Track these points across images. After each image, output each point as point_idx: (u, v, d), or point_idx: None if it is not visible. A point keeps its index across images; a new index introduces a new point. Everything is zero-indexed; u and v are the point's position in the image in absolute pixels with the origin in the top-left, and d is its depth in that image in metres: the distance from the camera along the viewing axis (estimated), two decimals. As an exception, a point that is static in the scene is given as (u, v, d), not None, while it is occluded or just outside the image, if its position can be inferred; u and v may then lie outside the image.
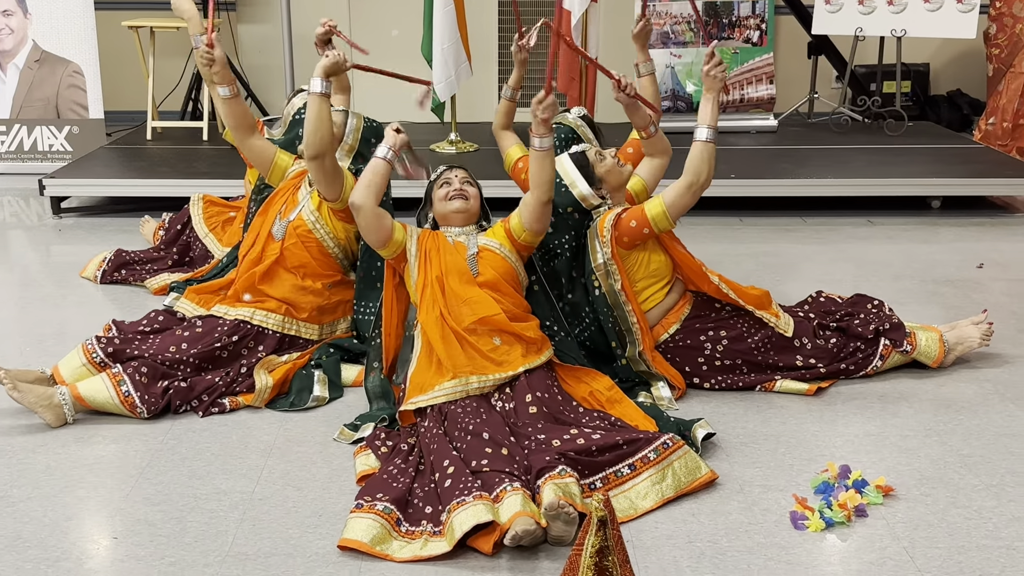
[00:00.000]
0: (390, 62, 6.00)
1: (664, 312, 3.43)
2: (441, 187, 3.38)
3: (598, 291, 3.38)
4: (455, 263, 3.21)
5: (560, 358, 3.28)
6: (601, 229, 3.34)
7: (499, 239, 3.30)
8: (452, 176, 3.40)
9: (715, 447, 3.04)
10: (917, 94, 7.58)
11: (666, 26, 6.70)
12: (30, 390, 3.14)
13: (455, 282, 3.17)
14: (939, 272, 4.65)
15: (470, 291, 3.15)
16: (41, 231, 5.36)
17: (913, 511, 2.72)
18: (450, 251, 3.25)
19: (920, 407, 3.32)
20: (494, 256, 3.25)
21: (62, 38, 6.38)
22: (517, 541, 2.45)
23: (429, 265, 3.22)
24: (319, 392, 3.37)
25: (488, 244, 3.29)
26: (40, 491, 2.81)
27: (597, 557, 1.65)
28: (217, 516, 2.69)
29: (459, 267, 3.20)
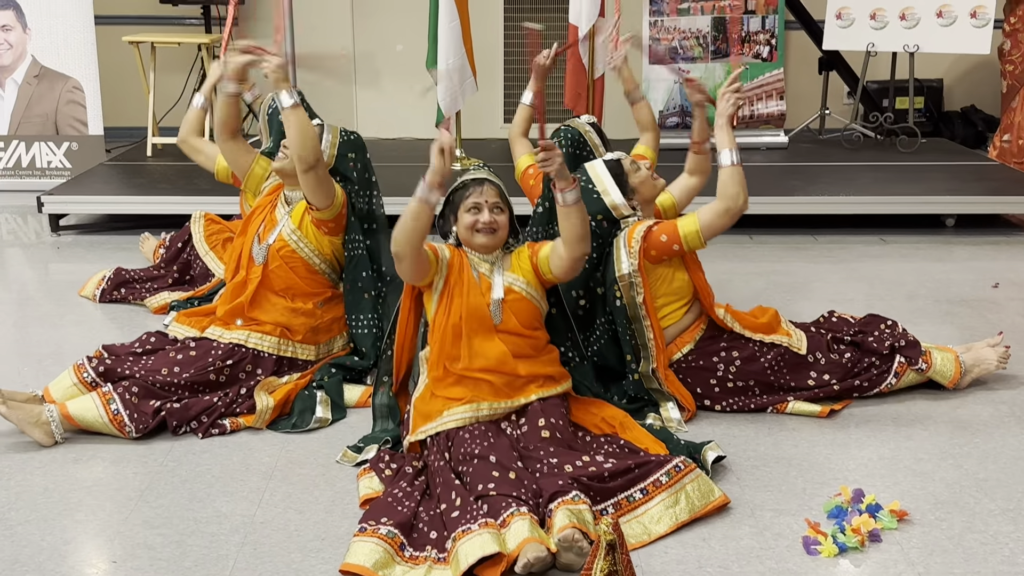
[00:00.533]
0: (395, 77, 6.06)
1: (680, 331, 3.44)
2: (469, 211, 3.13)
3: (619, 302, 3.37)
4: (477, 308, 3.07)
5: (574, 387, 3.26)
6: (630, 239, 3.34)
7: (526, 276, 3.16)
8: (482, 201, 3.13)
9: (726, 470, 3.04)
10: (930, 110, 7.60)
11: (674, 41, 6.74)
12: (19, 408, 3.16)
13: (472, 331, 3.06)
14: (953, 292, 4.65)
15: (486, 345, 3.05)
16: (39, 249, 5.39)
17: (928, 536, 2.71)
18: (475, 291, 3.09)
19: (935, 430, 3.31)
20: (519, 300, 3.12)
21: (62, 53, 6.42)
22: (528, 569, 2.45)
23: (449, 307, 3.09)
24: (322, 413, 3.38)
25: (515, 285, 3.13)
26: (38, 514, 2.81)
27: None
28: (218, 540, 2.69)
29: (480, 313, 3.07)
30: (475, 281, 3.12)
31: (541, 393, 3.06)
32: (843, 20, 6.65)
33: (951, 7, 6.42)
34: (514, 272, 3.16)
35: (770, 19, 6.71)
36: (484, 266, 3.16)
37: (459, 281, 3.11)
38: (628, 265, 3.33)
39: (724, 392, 3.42)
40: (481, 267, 3.16)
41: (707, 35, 6.73)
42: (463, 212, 3.15)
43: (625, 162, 3.48)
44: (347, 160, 3.73)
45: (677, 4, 6.70)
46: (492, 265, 3.16)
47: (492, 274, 3.15)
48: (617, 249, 3.37)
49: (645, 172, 3.48)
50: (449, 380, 3.06)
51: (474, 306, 3.07)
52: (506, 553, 2.48)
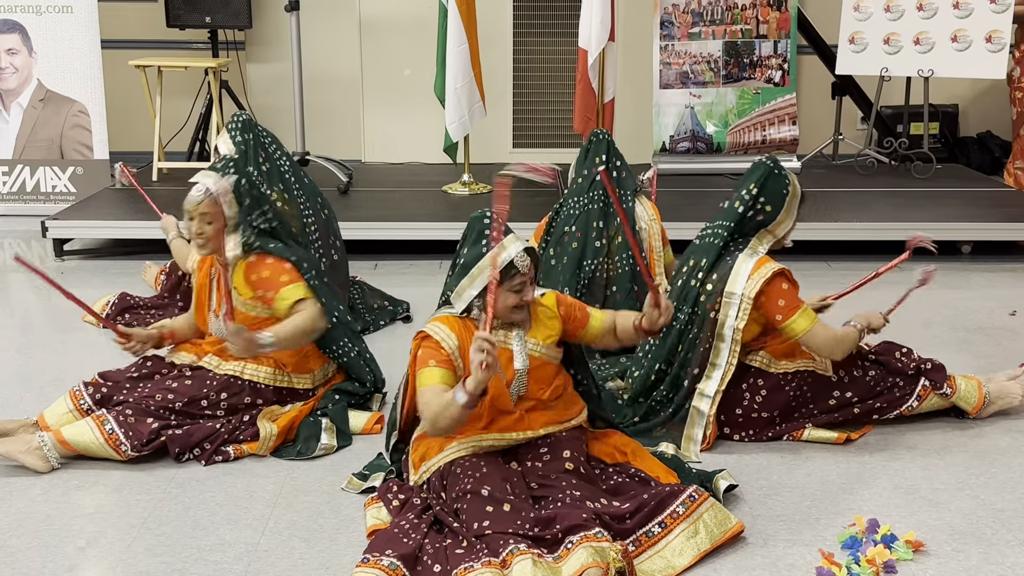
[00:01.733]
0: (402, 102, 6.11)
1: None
2: (515, 290, 2.91)
3: (713, 313, 3.37)
4: (499, 392, 2.93)
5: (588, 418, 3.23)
6: (756, 268, 3.34)
7: (546, 340, 3.02)
8: (526, 280, 2.92)
9: (737, 499, 3.03)
10: (946, 136, 7.62)
11: (685, 65, 6.78)
12: (9, 441, 3.17)
13: (489, 411, 2.95)
14: (970, 319, 4.65)
15: (502, 419, 2.97)
16: (43, 274, 5.41)
17: (944, 567, 2.70)
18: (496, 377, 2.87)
19: (952, 459, 3.31)
20: (540, 364, 3.00)
21: (67, 77, 6.49)
22: None
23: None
24: (327, 440, 3.38)
25: (539, 352, 3.00)
26: (39, 540, 2.82)
27: (615, 610, 1.65)
28: (221, 568, 2.69)
29: (502, 399, 2.94)
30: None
31: (551, 429, 3.04)
32: (856, 45, 6.69)
33: (966, 32, 6.45)
34: (535, 337, 3.02)
35: (782, 43, 6.75)
36: (498, 334, 2.95)
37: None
38: (743, 287, 3.33)
39: (747, 422, 3.41)
40: (501, 335, 2.98)
41: (719, 59, 6.77)
42: (509, 292, 2.90)
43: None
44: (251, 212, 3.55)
45: (688, 28, 6.75)
46: (508, 329, 3.00)
47: (511, 341, 2.97)
48: (738, 265, 3.36)
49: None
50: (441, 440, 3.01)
51: (495, 391, 2.93)
52: None
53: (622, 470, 3.05)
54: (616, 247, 4.12)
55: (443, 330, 2.94)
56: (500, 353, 2.85)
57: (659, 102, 6.79)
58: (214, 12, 6.93)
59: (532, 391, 3.01)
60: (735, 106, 6.80)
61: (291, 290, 3.43)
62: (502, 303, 2.89)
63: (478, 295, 2.91)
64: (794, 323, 3.32)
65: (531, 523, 2.66)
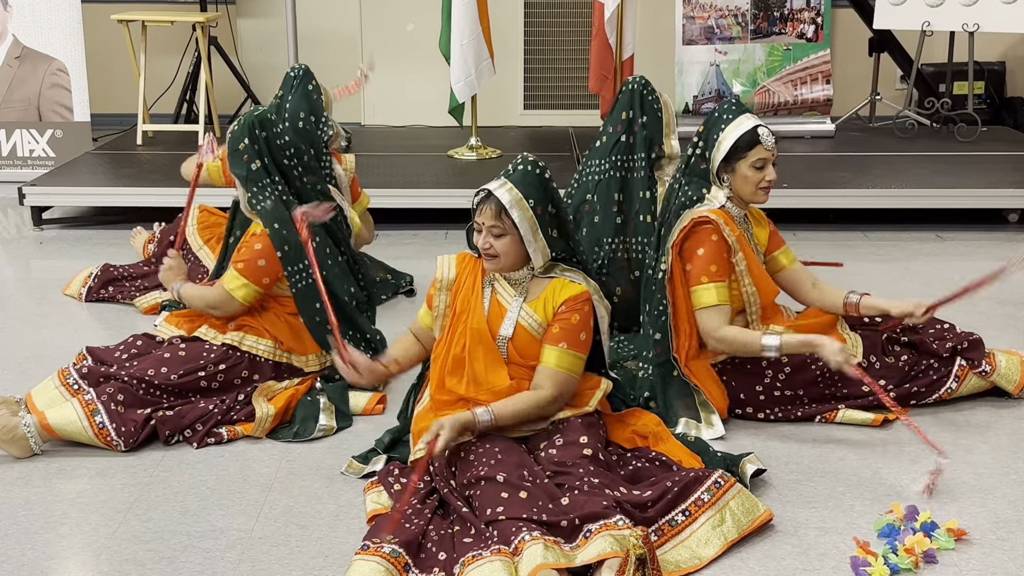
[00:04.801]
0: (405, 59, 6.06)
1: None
2: (477, 231, 3.05)
3: (662, 274, 3.39)
4: (481, 335, 3.03)
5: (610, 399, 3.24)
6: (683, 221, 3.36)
7: (545, 319, 3.06)
8: (480, 222, 3.01)
9: (766, 485, 3.03)
10: (991, 96, 7.56)
11: (710, 20, 6.73)
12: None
13: (479, 363, 3.03)
14: (1017, 293, 4.62)
15: (492, 376, 3.02)
16: (20, 244, 5.43)
17: (989, 558, 2.70)
18: (479, 317, 3.04)
19: (997, 442, 3.30)
20: (528, 340, 3.05)
21: (45, 33, 6.47)
22: None
23: (453, 335, 3.06)
24: (325, 421, 3.39)
25: (528, 324, 3.05)
26: (18, 527, 2.83)
27: (635, 600, 1.65)
28: (212, 556, 2.70)
29: (486, 343, 3.03)
30: (483, 305, 3.07)
31: (566, 413, 3.04)
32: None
33: (1016, -18, 6.39)
34: (536, 311, 3.06)
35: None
36: (504, 286, 3.08)
37: (464, 308, 3.07)
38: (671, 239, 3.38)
39: (770, 400, 3.41)
40: (500, 287, 3.08)
41: (746, 13, 6.72)
42: (476, 231, 3.06)
43: (761, 147, 3.35)
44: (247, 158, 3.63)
45: (714, -21, 6.70)
46: (514, 287, 3.08)
47: (509, 302, 3.07)
48: (681, 220, 3.39)
49: (761, 176, 3.36)
50: (452, 399, 3.05)
51: (478, 332, 3.03)
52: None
53: (642, 455, 3.06)
54: (637, 226, 3.92)
55: (449, 261, 3.15)
56: (496, 307, 3.06)
57: (682, 59, 6.75)
58: (202, -38, 6.91)
59: (514, 360, 3.06)
60: (764, 63, 6.76)
61: (232, 278, 3.54)
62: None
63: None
64: (700, 298, 3.33)
65: (548, 512, 2.66)
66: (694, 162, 3.47)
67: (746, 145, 3.35)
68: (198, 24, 6.74)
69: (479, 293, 3.08)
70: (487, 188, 3.00)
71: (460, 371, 3.04)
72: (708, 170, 3.42)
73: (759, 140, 3.35)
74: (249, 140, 3.57)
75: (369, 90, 7.53)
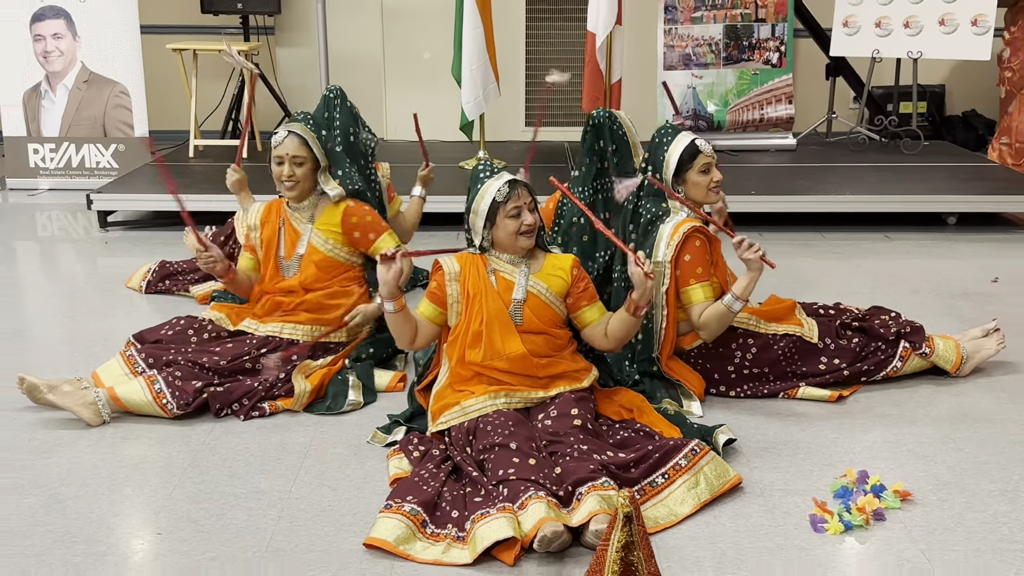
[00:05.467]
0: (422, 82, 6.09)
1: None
2: (511, 217, 3.03)
3: (664, 287, 3.36)
4: (498, 311, 3.03)
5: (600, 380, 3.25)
6: (673, 233, 3.34)
7: (555, 290, 3.10)
8: (521, 204, 3.03)
9: (737, 453, 3.03)
10: (933, 114, 7.55)
11: (688, 48, 6.72)
12: (66, 393, 3.20)
13: (496, 334, 3.02)
14: (955, 286, 4.62)
15: (507, 344, 3.02)
16: (88, 244, 5.43)
17: (930, 515, 2.70)
18: (492, 295, 3.05)
19: (937, 415, 3.30)
20: (540, 304, 3.08)
21: (109, 60, 6.47)
22: (546, 545, 2.45)
23: (471, 314, 3.05)
24: (354, 397, 3.39)
25: (538, 291, 3.08)
26: (88, 489, 2.84)
27: (623, 552, 1.66)
28: (256, 514, 2.71)
29: (501, 317, 3.03)
30: (491, 284, 3.08)
31: (564, 388, 3.05)
32: (849, 28, 6.62)
33: (953, 15, 6.37)
34: (544, 280, 3.10)
35: (780, 27, 6.69)
36: (505, 267, 3.11)
37: (476, 291, 3.07)
38: (663, 255, 3.33)
39: (740, 378, 3.41)
40: (501, 267, 3.11)
41: (719, 42, 6.71)
42: (505, 219, 3.03)
43: (703, 155, 3.38)
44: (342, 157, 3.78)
45: (691, 13, 6.68)
46: (515, 266, 3.12)
47: (516, 274, 3.10)
48: (660, 236, 3.37)
49: (709, 178, 3.39)
50: (468, 375, 3.05)
51: (495, 310, 3.04)
52: (520, 537, 2.48)
53: (628, 426, 3.06)
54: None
55: (451, 258, 3.15)
56: (504, 283, 3.06)
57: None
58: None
59: (530, 323, 3.06)
60: (734, 86, 6.75)
61: (390, 237, 3.69)
62: (503, 231, 3.05)
63: (484, 224, 3.06)
64: (693, 294, 3.31)
65: (550, 480, 2.66)
66: (648, 184, 3.46)
67: (689, 156, 3.39)
68: (242, 52, 6.73)
69: (486, 278, 3.09)
70: (511, 179, 3.06)
71: (478, 343, 3.04)
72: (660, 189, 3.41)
73: (699, 149, 3.40)
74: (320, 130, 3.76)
75: (391, 109, 7.56)
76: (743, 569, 2.46)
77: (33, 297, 4.59)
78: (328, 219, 3.65)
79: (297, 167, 3.59)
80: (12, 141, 6.54)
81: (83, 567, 2.47)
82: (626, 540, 1.66)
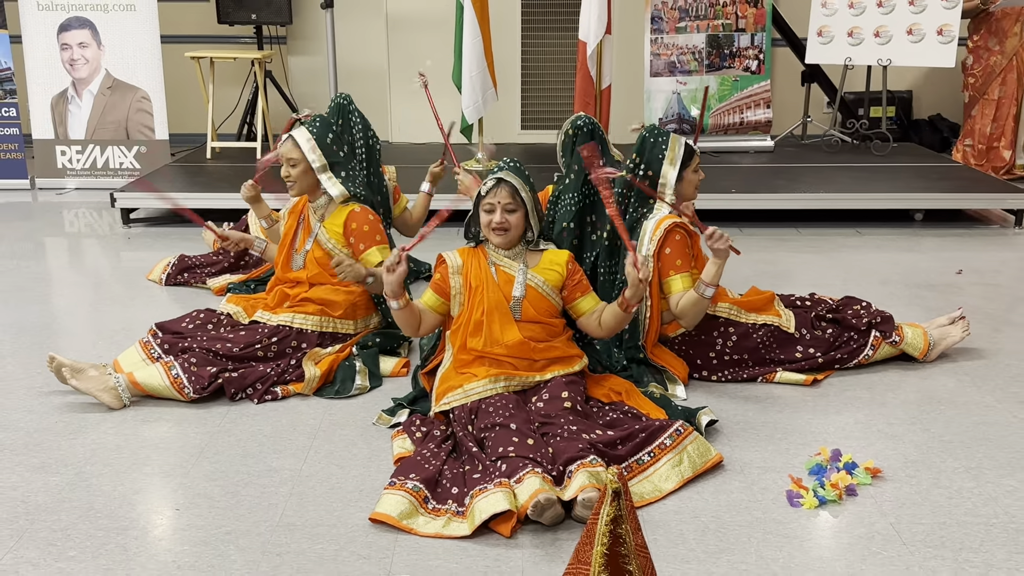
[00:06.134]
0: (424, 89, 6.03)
1: None
2: (485, 210, 3.07)
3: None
4: (498, 303, 3.03)
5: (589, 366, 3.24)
6: (656, 228, 3.32)
7: (551, 281, 3.10)
8: (495, 202, 3.05)
9: (718, 433, 3.02)
10: (901, 118, 7.53)
11: (673, 56, 6.69)
12: (88, 378, 3.18)
13: (495, 324, 3.02)
14: (921, 278, 4.61)
15: (505, 332, 3.02)
16: (112, 239, 5.41)
17: (899, 491, 2.69)
18: (493, 287, 3.05)
19: (905, 398, 3.29)
20: (537, 296, 3.07)
21: (132, 67, 6.44)
22: (540, 511, 2.44)
23: (473, 305, 3.05)
24: (361, 381, 3.37)
25: (535, 284, 3.08)
26: (111, 468, 2.82)
27: (612, 525, 1.64)
28: (268, 491, 2.69)
29: (501, 308, 3.03)
30: (492, 276, 3.07)
31: (558, 372, 3.04)
32: (824, 37, 6.60)
33: (920, 25, 6.35)
34: (541, 274, 3.10)
35: (758, 36, 6.66)
36: (504, 260, 3.11)
37: (479, 283, 3.06)
38: (647, 249, 3.32)
39: (720, 364, 3.40)
40: (500, 261, 3.10)
41: (702, 50, 6.68)
42: (482, 212, 3.09)
43: (697, 155, 3.42)
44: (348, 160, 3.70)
45: (675, 23, 6.65)
46: (514, 260, 3.11)
47: (514, 269, 3.09)
48: (644, 232, 3.35)
49: (699, 176, 3.44)
50: (470, 359, 3.04)
51: (495, 301, 3.03)
52: (516, 509, 2.47)
53: (616, 407, 3.05)
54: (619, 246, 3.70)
55: (454, 253, 3.15)
56: (503, 275, 3.07)
57: (650, 88, 6.71)
58: (259, 10, 6.88)
59: (528, 314, 3.05)
60: (716, 92, 6.72)
61: (381, 251, 3.53)
62: (482, 222, 3.09)
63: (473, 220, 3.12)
64: (674, 284, 3.29)
65: (546, 459, 2.65)
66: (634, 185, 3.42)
67: (688, 156, 3.38)
68: (256, 60, 6.71)
69: (487, 271, 3.08)
70: (498, 176, 3.05)
71: (479, 332, 3.03)
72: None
73: (694, 150, 3.40)
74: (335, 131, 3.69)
75: (395, 113, 7.53)
76: (724, 541, 2.45)
77: (61, 289, 4.57)
78: (334, 220, 3.61)
79: (292, 168, 3.58)
80: (41, 144, 6.51)
81: (106, 541, 2.45)
82: (615, 514, 1.64)
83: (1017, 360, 3.60)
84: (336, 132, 3.69)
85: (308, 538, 2.46)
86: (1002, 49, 6.53)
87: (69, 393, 3.26)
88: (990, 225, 5.62)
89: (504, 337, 3.01)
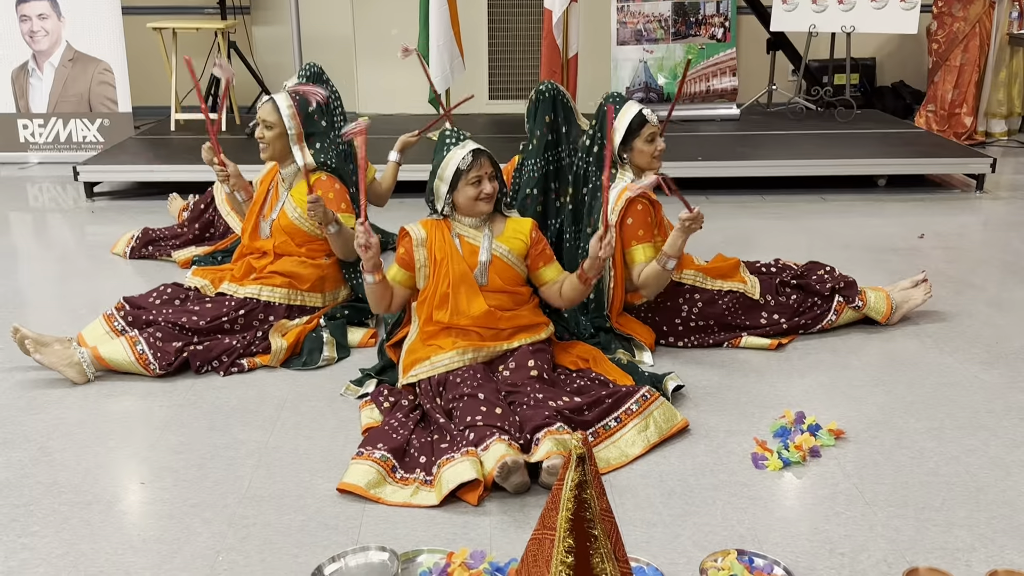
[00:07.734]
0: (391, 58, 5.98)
1: None
2: (471, 183, 2.96)
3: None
4: (463, 274, 2.98)
5: (557, 333, 3.21)
6: (619, 198, 3.28)
7: (516, 249, 3.05)
8: (482, 173, 2.97)
9: (684, 398, 3.01)
10: (864, 85, 7.54)
11: (639, 24, 6.64)
12: (53, 352, 3.12)
13: (461, 295, 2.97)
14: (885, 242, 4.63)
15: (471, 303, 2.98)
16: (76, 213, 5.31)
17: (862, 452, 2.70)
18: (458, 258, 2.99)
19: (868, 360, 3.30)
20: (503, 265, 3.03)
21: (93, 39, 6.29)
22: (506, 474, 2.43)
23: (438, 278, 3.00)
24: (328, 353, 3.33)
25: (500, 253, 3.03)
26: (74, 442, 2.77)
27: (577, 490, 1.62)
28: (235, 463, 2.66)
29: (467, 279, 2.98)
30: (456, 248, 3.02)
31: (525, 340, 3.01)
32: (788, 4, 6.57)
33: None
34: (505, 243, 3.05)
35: (724, 4, 6.62)
36: (469, 231, 3.05)
37: (443, 255, 3.01)
38: (609, 220, 3.27)
39: (687, 330, 3.39)
40: (465, 232, 3.04)
41: (668, 19, 6.64)
42: (466, 186, 2.97)
43: (649, 125, 3.34)
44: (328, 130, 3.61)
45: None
46: (477, 231, 3.05)
47: (479, 238, 3.04)
48: (610, 202, 3.31)
49: (653, 147, 3.34)
50: (436, 330, 3.01)
51: (460, 272, 2.99)
52: (483, 478, 2.46)
53: (584, 374, 3.04)
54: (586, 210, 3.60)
55: (416, 226, 3.06)
56: (468, 247, 3.01)
57: (616, 57, 6.66)
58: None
59: (494, 283, 3.01)
60: (681, 61, 6.68)
61: (346, 219, 3.46)
62: (463, 196, 2.98)
63: (448, 190, 2.98)
64: (636, 255, 3.26)
65: (513, 427, 2.63)
66: (597, 151, 3.39)
67: (637, 125, 3.32)
68: (219, 30, 6.58)
69: (451, 242, 3.03)
70: (475, 148, 2.98)
71: (445, 304, 2.99)
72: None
73: (646, 119, 3.33)
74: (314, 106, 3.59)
75: (362, 83, 7.43)
76: (690, 504, 2.45)
77: (25, 263, 4.48)
78: (301, 189, 3.54)
79: (267, 130, 3.50)
80: (2, 118, 6.36)
81: (69, 516, 2.41)
82: (580, 479, 1.62)
83: (978, 322, 3.62)
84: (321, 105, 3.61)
85: (275, 509, 2.43)
86: (965, 15, 6.54)
87: (32, 368, 3.20)
88: (952, 190, 5.65)
89: (470, 309, 2.98)
